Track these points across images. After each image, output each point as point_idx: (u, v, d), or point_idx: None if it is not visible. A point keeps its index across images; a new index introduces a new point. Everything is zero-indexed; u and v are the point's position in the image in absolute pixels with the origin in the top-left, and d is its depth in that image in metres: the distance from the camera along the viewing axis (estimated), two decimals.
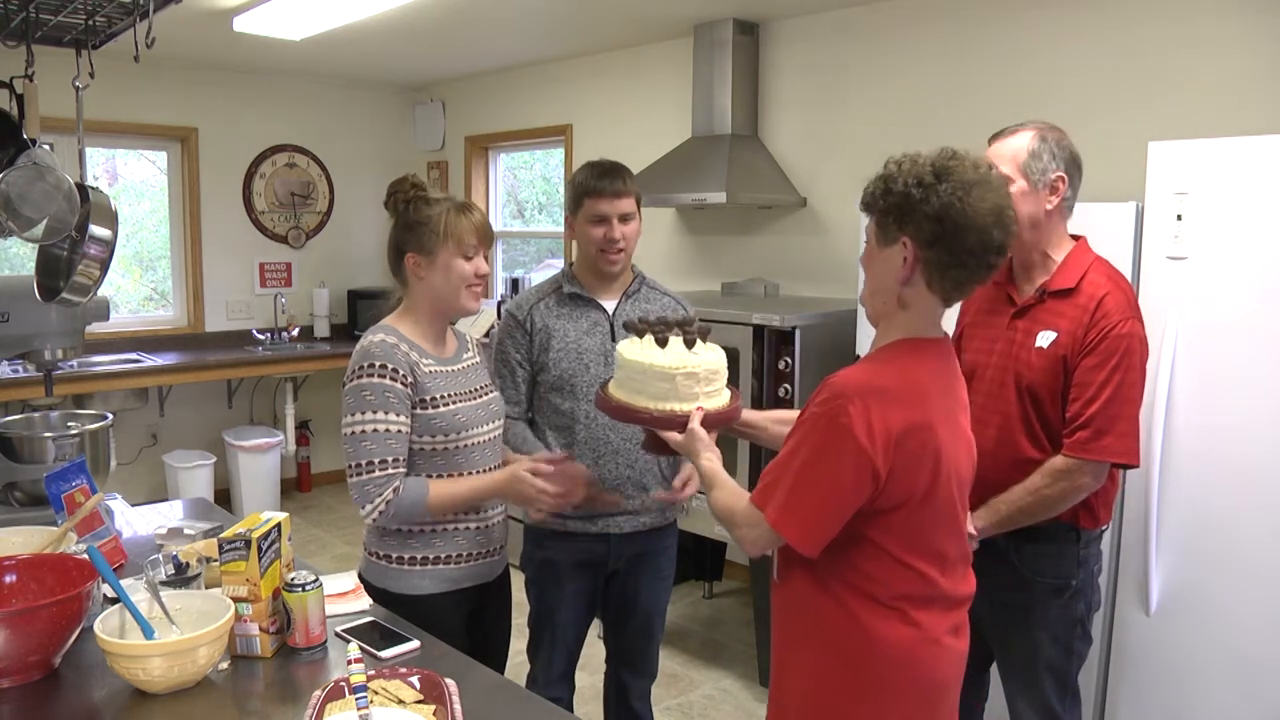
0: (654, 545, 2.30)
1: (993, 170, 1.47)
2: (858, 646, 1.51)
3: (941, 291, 1.48)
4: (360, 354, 1.87)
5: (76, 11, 2.05)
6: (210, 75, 5.43)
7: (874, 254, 1.53)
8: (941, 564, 1.52)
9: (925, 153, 1.47)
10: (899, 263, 1.47)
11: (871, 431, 1.40)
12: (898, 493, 1.44)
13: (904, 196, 1.44)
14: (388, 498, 1.82)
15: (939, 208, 1.41)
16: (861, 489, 1.43)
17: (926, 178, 1.42)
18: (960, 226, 1.41)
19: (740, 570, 4.34)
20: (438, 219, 1.89)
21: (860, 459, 1.41)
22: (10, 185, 1.96)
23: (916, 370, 1.48)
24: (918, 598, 1.50)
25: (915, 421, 1.43)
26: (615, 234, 2.14)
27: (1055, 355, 1.90)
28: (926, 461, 1.44)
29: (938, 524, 1.50)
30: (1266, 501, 2.24)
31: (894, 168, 1.47)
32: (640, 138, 4.67)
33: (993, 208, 1.42)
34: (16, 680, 1.47)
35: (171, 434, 5.44)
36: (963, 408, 1.58)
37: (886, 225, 1.48)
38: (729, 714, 3.29)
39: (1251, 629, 2.27)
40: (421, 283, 1.93)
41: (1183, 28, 2.97)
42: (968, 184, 1.41)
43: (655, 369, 1.71)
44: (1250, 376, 2.25)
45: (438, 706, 1.38)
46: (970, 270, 1.45)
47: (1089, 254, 1.97)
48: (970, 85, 3.50)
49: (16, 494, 2.23)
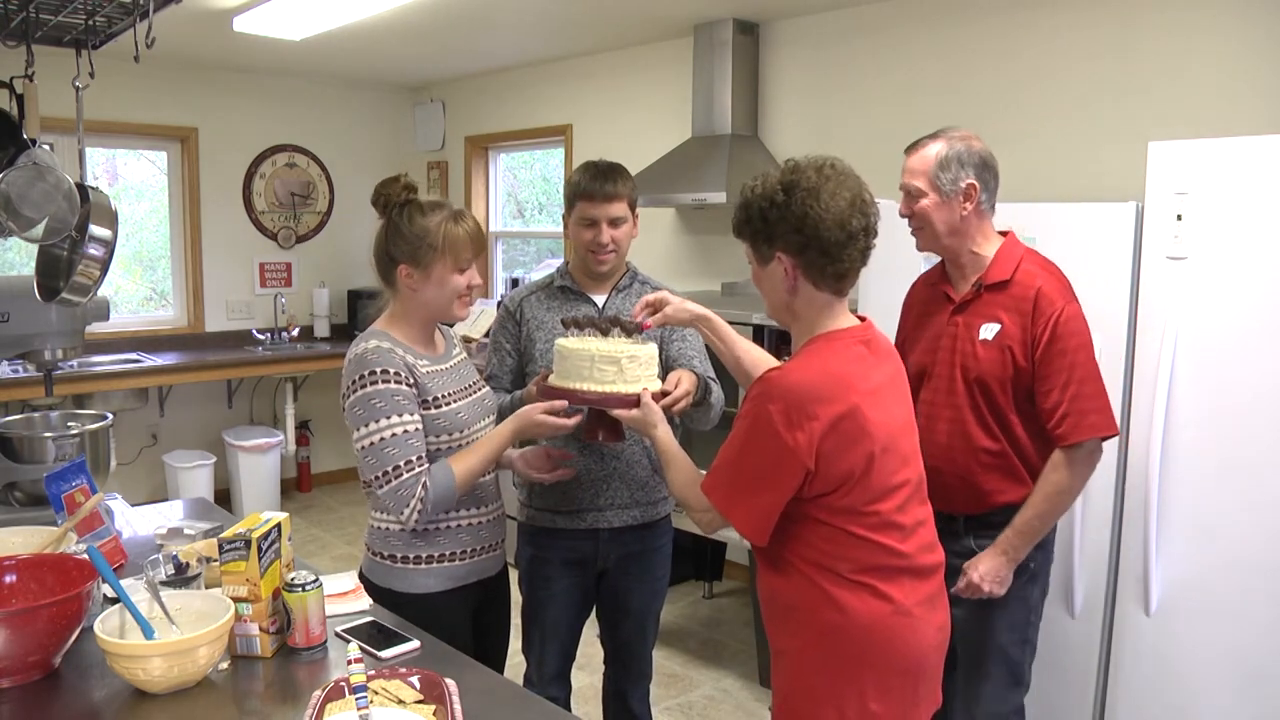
0: (646, 544, 2.30)
1: (836, 165, 1.57)
2: (831, 623, 1.57)
3: (830, 287, 1.59)
4: (357, 363, 1.85)
5: (76, 11, 2.05)
6: (210, 75, 5.43)
7: (759, 274, 1.65)
8: (900, 534, 1.58)
9: (772, 171, 1.59)
10: (781, 275, 1.58)
11: (793, 428, 1.50)
12: (833, 476, 1.52)
13: (762, 219, 1.56)
14: (421, 495, 1.82)
15: (795, 219, 1.52)
16: (793, 479, 1.52)
17: (777, 195, 1.54)
18: (820, 227, 1.52)
19: (740, 570, 4.34)
20: (434, 232, 1.87)
21: (784, 454, 1.51)
22: (10, 185, 1.96)
23: (834, 361, 1.57)
24: (883, 569, 1.56)
25: (838, 412, 1.51)
26: (603, 238, 2.16)
27: (1001, 345, 1.98)
28: (858, 443, 1.52)
29: (884, 496, 1.56)
30: (1266, 501, 2.23)
31: (749, 193, 1.59)
32: (640, 138, 4.67)
33: (846, 202, 1.53)
34: (16, 680, 1.47)
35: (171, 434, 5.44)
36: (891, 383, 1.64)
37: (759, 246, 1.60)
38: (729, 714, 3.29)
39: (1251, 629, 2.27)
40: (414, 294, 1.91)
41: (1183, 27, 2.97)
42: (813, 189, 1.52)
43: (602, 354, 1.86)
44: (1250, 376, 2.25)
45: (438, 706, 1.38)
46: (847, 261, 1.56)
47: (1018, 247, 2.06)
48: (970, 85, 3.50)
49: (16, 494, 2.23)
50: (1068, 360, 1.93)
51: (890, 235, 2.95)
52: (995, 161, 2.05)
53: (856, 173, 1.60)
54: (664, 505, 2.32)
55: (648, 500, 2.26)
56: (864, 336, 1.63)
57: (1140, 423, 2.42)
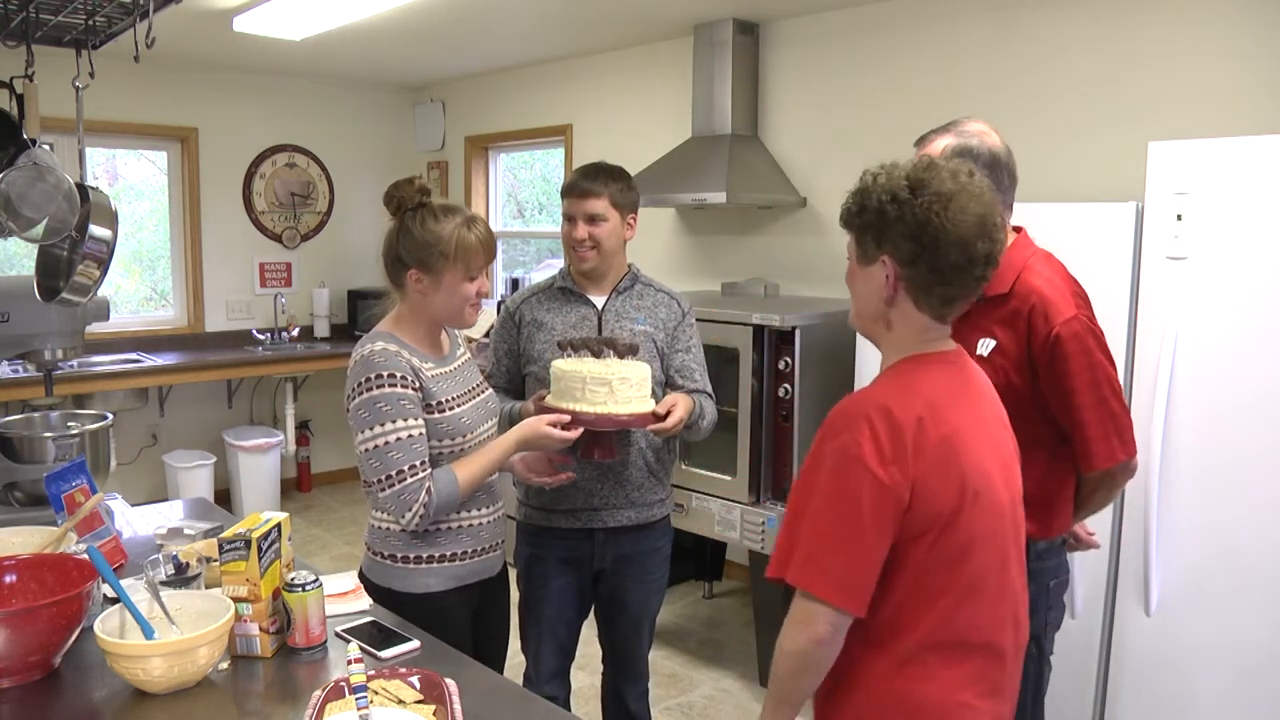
0: (643, 546, 2.30)
1: (974, 177, 1.37)
2: (872, 710, 1.36)
3: (930, 310, 1.38)
4: (363, 365, 1.84)
5: (76, 11, 2.05)
6: (210, 75, 5.42)
7: (855, 273, 1.45)
8: (975, 605, 1.35)
9: (902, 163, 1.39)
10: (881, 281, 1.38)
11: (883, 454, 1.29)
12: (925, 514, 1.31)
13: (879, 213, 1.35)
14: (424, 500, 1.82)
15: (915, 224, 1.32)
16: (890, 521, 1.30)
17: (901, 192, 1.33)
18: (940, 242, 1.31)
19: (740, 570, 4.34)
20: (448, 239, 1.85)
21: (878, 490, 1.28)
22: (10, 185, 1.96)
23: (925, 383, 1.37)
24: (943, 646, 1.34)
25: (931, 437, 1.30)
26: (578, 234, 2.20)
27: (997, 364, 1.79)
28: (950, 478, 1.31)
29: (970, 552, 1.33)
30: (1267, 501, 2.24)
31: (869, 180, 1.39)
32: (640, 138, 4.67)
33: (975, 219, 1.32)
34: (16, 680, 1.47)
35: (171, 434, 5.44)
36: (985, 425, 1.41)
37: (865, 242, 1.40)
38: (729, 714, 3.29)
39: (1251, 629, 2.27)
40: (423, 298, 1.90)
41: (1183, 28, 2.97)
42: (945, 195, 1.31)
43: (594, 375, 1.94)
44: (1250, 376, 2.25)
45: (438, 706, 1.38)
46: (958, 286, 1.35)
47: (1026, 250, 1.85)
48: (970, 85, 3.50)
49: (16, 494, 2.23)
50: (1084, 381, 1.75)
51: None
52: (1011, 158, 1.88)
53: (990, 191, 1.38)
54: (660, 507, 2.32)
55: (643, 502, 2.27)
56: (958, 367, 1.43)
57: (1140, 423, 2.40)
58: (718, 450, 3.35)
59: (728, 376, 3.34)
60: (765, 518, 3.22)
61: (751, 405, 3.26)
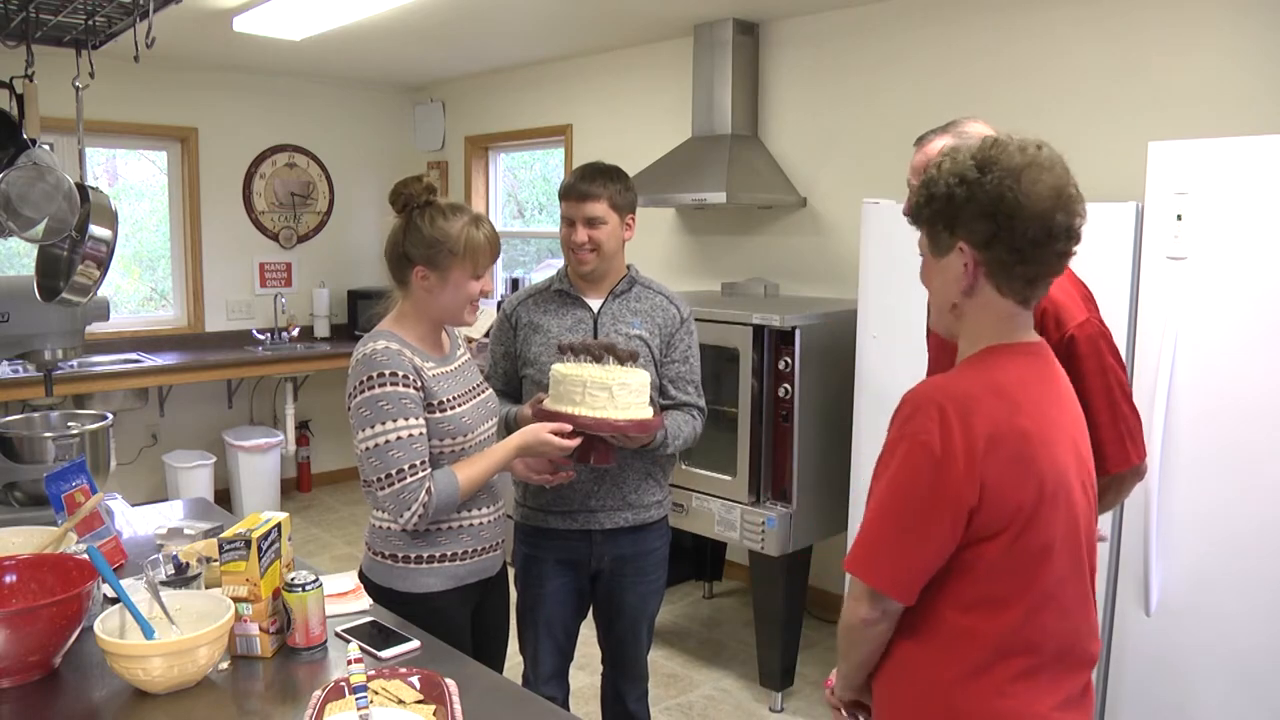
0: (640, 547, 2.30)
1: (1042, 149, 1.31)
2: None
3: (1014, 293, 1.31)
4: (365, 363, 1.84)
5: (76, 11, 2.05)
6: (210, 75, 5.43)
7: (930, 267, 1.38)
8: (1053, 612, 1.29)
9: (964, 146, 1.34)
10: (959, 271, 1.31)
11: (950, 445, 1.23)
12: (1000, 513, 1.25)
13: (947, 198, 1.29)
14: (424, 500, 1.82)
15: (988, 202, 1.26)
16: (955, 516, 1.25)
17: (969, 173, 1.28)
18: (1016, 218, 1.25)
19: (740, 570, 4.34)
20: (456, 237, 1.86)
21: (943, 481, 1.23)
22: (10, 185, 1.96)
23: (1002, 375, 1.30)
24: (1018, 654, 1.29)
25: (1006, 430, 1.25)
26: (578, 238, 2.19)
27: None
28: (1028, 475, 1.25)
29: (1049, 556, 1.27)
30: (1266, 501, 2.24)
31: (934, 170, 1.33)
32: (640, 138, 4.67)
33: (1050, 189, 1.26)
34: (16, 680, 1.47)
35: (171, 434, 5.44)
36: (1065, 424, 1.34)
37: (937, 233, 1.33)
38: (729, 714, 3.29)
39: (1251, 629, 2.27)
40: (428, 296, 1.91)
41: (1183, 28, 2.97)
42: (1015, 169, 1.26)
43: (595, 380, 1.94)
44: (1250, 376, 2.25)
45: (438, 706, 1.38)
46: (1040, 264, 1.28)
47: None
48: (970, 85, 3.50)
49: (16, 494, 2.23)
50: (1100, 385, 1.73)
51: (890, 235, 2.97)
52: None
53: (1063, 163, 1.33)
54: (657, 509, 2.31)
55: (640, 503, 2.26)
56: (1041, 360, 1.36)
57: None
58: (718, 450, 3.35)
59: (728, 376, 3.34)
60: (765, 518, 3.22)
61: (751, 405, 3.26)
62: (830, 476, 3.33)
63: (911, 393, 1.31)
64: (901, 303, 2.94)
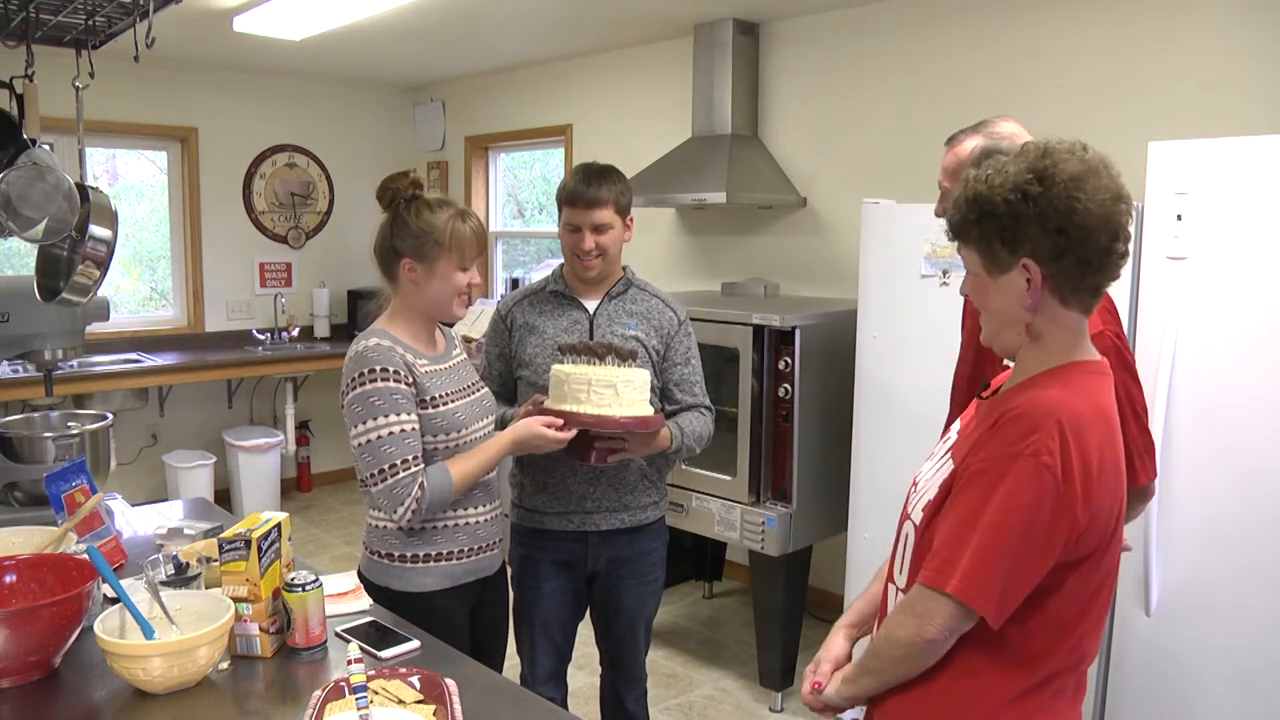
0: (637, 548, 2.29)
1: (1089, 150, 1.25)
2: None
3: (1080, 305, 1.27)
4: (357, 360, 1.86)
5: (76, 11, 2.05)
6: (210, 75, 5.43)
7: (986, 286, 1.29)
8: (1098, 634, 1.31)
9: (1003, 158, 1.27)
10: (1022, 288, 1.24)
11: (1070, 468, 1.19)
12: (1099, 534, 1.23)
13: (1011, 216, 1.22)
14: (417, 495, 1.82)
15: (1058, 217, 1.20)
16: (1066, 542, 1.21)
17: (1030, 186, 1.21)
18: (1087, 229, 1.20)
19: (740, 570, 4.34)
20: (441, 228, 1.88)
21: (1062, 507, 1.19)
22: (10, 185, 1.96)
23: (1101, 398, 1.26)
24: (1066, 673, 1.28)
25: (1109, 451, 1.23)
26: (586, 245, 2.17)
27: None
28: (1115, 501, 1.24)
29: (1108, 582, 1.28)
30: (1266, 501, 2.23)
31: (981, 185, 1.25)
32: (640, 138, 4.67)
33: (1111, 194, 1.21)
34: (16, 680, 1.47)
35: (171, 434, 5.44)
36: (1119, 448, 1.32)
37: (995, 251, 1.25)
38: (729, 714, 3.29)
39: (1251, 629, 2.27)
40: (416, 288, 1.92)
41: (1183, 27, 2.97)
42: (1078, 178, 1.20)
43: (599, 378, 1.96)
44: (1250, 376, 2.25)
45: (438, 706, 1.38)
46: (1107, 270, 1.25)
47: None
48: (970, 85, 3.50)
49: (16, 494, 2.23)
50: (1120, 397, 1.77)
51: (889, 235, 2.97)
52: None
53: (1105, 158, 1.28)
54: (654, 510, 2.31)
55: (637, 504, 2.26)
56: (1111, 379, 1.33)
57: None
58: (718, 450, 3.34)
59: (728, 376, 3.34)
60: (765, 518, 3.22)
61: (751, 405, 3.26)
62: (830, 476, 3.33)
63: (1027, 407, 1.23)
64: (901, 303, 2.94)
